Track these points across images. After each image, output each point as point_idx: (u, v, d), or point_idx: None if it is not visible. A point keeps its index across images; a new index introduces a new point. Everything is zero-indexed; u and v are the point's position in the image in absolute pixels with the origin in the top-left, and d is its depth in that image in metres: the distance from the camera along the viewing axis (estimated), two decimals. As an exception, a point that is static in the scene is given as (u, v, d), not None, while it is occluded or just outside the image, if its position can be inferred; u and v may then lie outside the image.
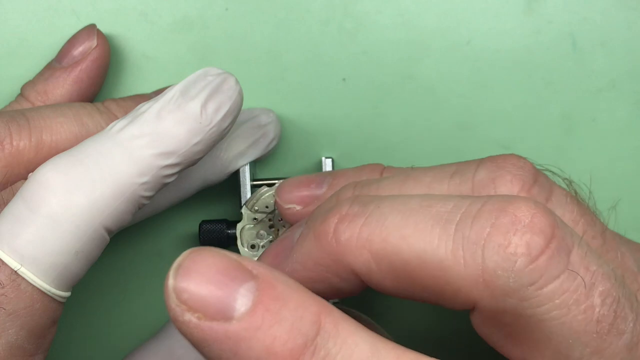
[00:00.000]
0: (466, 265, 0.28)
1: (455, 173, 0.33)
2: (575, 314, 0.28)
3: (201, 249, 0.27)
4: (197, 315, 0.26)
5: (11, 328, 0.32)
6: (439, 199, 0.30)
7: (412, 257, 0.29)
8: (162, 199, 0.39)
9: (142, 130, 0.34)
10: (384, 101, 0.42)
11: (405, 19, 0.42)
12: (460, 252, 0.28)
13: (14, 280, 0.32)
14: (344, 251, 0.30)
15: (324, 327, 0.27)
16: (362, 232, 0.30)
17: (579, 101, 0.42)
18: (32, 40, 0.41)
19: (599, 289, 0.28)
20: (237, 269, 0.26)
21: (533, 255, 0.28)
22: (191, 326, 0.26)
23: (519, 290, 0.28)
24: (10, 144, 0.35)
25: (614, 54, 0.42)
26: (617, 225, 0.43)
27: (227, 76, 0.35)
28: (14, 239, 0.32)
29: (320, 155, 0.42)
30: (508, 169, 0.32)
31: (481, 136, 0.42)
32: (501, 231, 0.28)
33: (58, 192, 0.33)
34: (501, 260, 0.28)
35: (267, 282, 0.26)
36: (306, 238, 0.31)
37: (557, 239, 0.28)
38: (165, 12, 0.42)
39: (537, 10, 0.42)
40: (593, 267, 0.29)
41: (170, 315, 0.26)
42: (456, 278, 0.29)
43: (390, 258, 0.29)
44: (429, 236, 0.29)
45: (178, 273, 0.26)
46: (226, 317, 0.26)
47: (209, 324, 0.26)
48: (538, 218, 0.28)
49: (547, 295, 0.28)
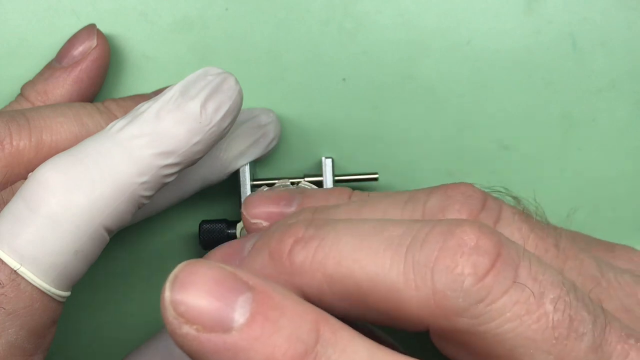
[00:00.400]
0: (417, 288, 0.29)
1: (409, 201, 0.34)
2: (529, 323, 0.29)
3: (197, 261, 0.27)
4: (196, 327, 0.26)
5: (11, 328, 0.32)
6: (391, 223, 0.31)
7: (365, 280, 0.29)
8: (162, 199, 0.39)
9: (141, 130, 0.34)
10: (384, 101, 0.42)
11: (405, 19, 0.42)
12: (412, 275, 0.29)
13: (13, 280, 0.32)
14: (298, 273, 0.30)
15: (322, 335, 0.27)
16: (317, 255, 0.30)
17: (579, 101, 0.42)
18: (32, 40, 0.41)
19: (549, 296, 0.29)
20: (234, 280, 0.26)
21: (480, 274, 0.28)
22: (189, 338, 0.26)
23: (469, 308, 0.29)
24: (10, 143, 0.35)
25: (614, 54, 0.42)
26: (617, 224, 0.43)
27: (227, 76, 0.35)
28: (13, 239, 0.32)
29: (320, 155, 0.42)
30: (456, 198, 0.33)
31: (481, 136, 0.42)
32: (448, 254, 0.29)
33: (58, 191, 0.33)
34: (450, 282, 0.29)
35: (263, 292, 0.27)
36: (259, 253, 0.32)
37: (502, 257, 0.29)
38: (165, 12, 0.42)
39: (537, 10, 0.42)
40: (540, 276, 0.29)
41: (167, 329, 0.26)
42: (408, 300, 0.29)
43: (343, 281, 0.30)
44: (381, 260, 0.29)
45: (174, 285, 0.26)
46: (225, 328, 0.26)
47: (207, 336, 0.26)
48: (482, 240, 0.29)
49: (498, 309, 0.28)
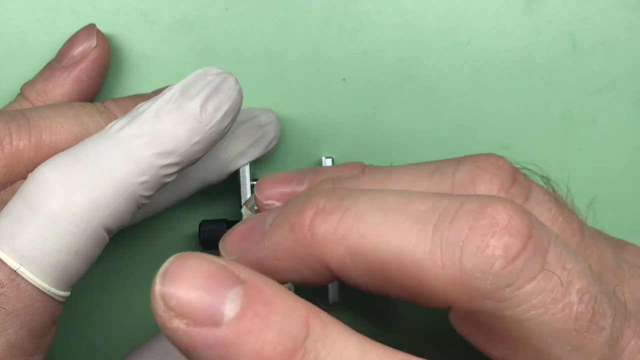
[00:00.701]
0: (444, 266, 0.28)
1: (435, 171, 0.33)
2: (553, 312, 0.28)
3: (187, 254, 0.27)
4: (186, 321, 0.26)
5: (11, 327, 0.32)
6: (417, 197, 0.30)
7: (389, 256, 0.29)
8: (161, 199, 0.39)
9: (141, 129, 0.34)
10: (384, 101, 0.42)
11: (405, 19, 0.42)
12: (438, 254, 0.28)
13: (13, 280, 0.32)
14: (319, 245, 0.30)
15: (312, 330, 0.26)
16: (339, 228, 0.30)
17: (579, 101, 0.42)
18: (32, 40, 0.41)
19: (576, 286, 0.29)
20: (224, 274, 0.26)
21: (510, 257, 0.28)
22: (180, 332, 0.26)
23: (497, 291, 0.28)
24: (10, 143, 0.35)
25: (614, 54, 0.42)
26: (617, 224, 0.43)
27: (227, 76, 0.35)
28: (13, 239, 0.32)
29: (320, 155, 0.42)
30: (487, 169, 0.33)
31: (481, 136, 0.42)
32: (479, 233, 0.28)
33: (57, 191, 0.33)
34: (479, 263, 0.28)
35: (254, 286, 0.26)
36: (280, 227, 0.31)
37: (533, 239, 0.28)
38: (165, 12, 0.42)
39: (537, 10, 0.42)
40: (569, 265, 0.29)
41: (157, 322, 0.26)
42: (433, 279, 0.29)
43: (366, 255, 0.29)
44: (407, 235, 0.29)
45: (165, 279, 0.26)
46: (215, 322, 0.26)
47: (198, 330, 0.26)
48: (515, 220, 0.28)
49: (525, 295, 0.28)
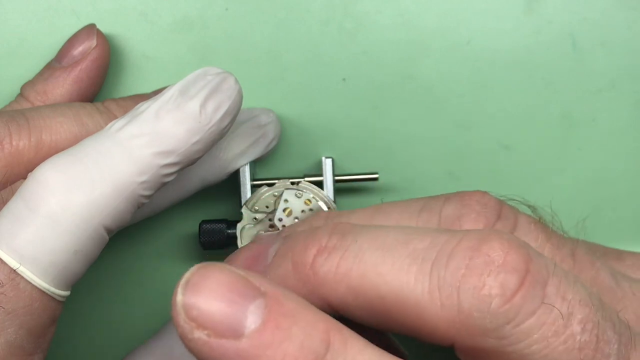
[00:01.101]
0: (442, 306, 0.29)
1: (423, 209, 0.34)
2: (555, 345, 0.28)
3: (209, 264, 0.27)
4: (207, 332, 0.26)
5: (10, 327, 0.32)
6: (416, 234, 0.30)
7: (389, 295, 0.29)
8: (161, 199, 0.39)
9: (141, 129, 0.34)
10: (384, 101, 0.42)
11: (405, 19, 0.42)
12: (437, 293, 0.29)
13: (13, 279, 0.32)
14: (322, 284, 0.30)
15: (333, 345, 0.27)
16: (340, 267, 0.30)
17: (579, 101, 0.42)
18: (32, 40, 0.41)
19: (577, 317, 0.29)
20: (246, 286, 0.26)
21: (508, 295, 0.28)
22: (200, 344, 0.26)
23: (497, 329, 0.28)
24: (9, 143, 0.35)
25: (614, 54, 0.42)
26: (618, 225, 0.43)
27: (227, 75, 0.35)
28: (13, 238, 0.32)
29: (320, 155, 0.42)
30: (472, 207, 0.33)
31: (481, 136, 0.42)
32: (475, 272, 0.28)
33: (57, 191, 0.33)
34: (476, 302, 0.28)
35: (275, 299, 0.26)
36: (282, 262, 0.32)
37: (531, 274, 0.29)
38: (165, 12, 0.42)
39: (537, 10, 0.42)
40: (569, 295, 0.29)
41: (178, 332, 0.26)
42: (433, 318, 0.29)
43: (367, 294, 0.30)
44: (405, 275, 0.29)
45: (187, 289, 0.26)
46: (236, 334, 0.26)
47: (218, 342, 0.26)
48: (511, 256, 0.29)
49: (526, 331, 0.28)
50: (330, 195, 0.40)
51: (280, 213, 0.40)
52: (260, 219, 0.40)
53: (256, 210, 0.40)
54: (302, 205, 0.40)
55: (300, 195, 0.40)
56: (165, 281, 0.43)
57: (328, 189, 0.40)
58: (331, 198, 0.40)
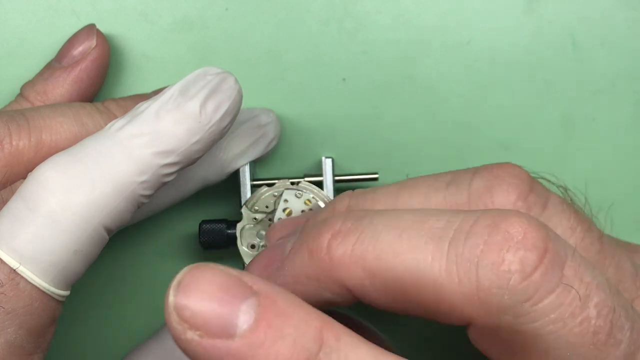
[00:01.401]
0: (460, 283, 0.28)
1: (451, 182, 0.33)
2: (571, 327, 0.28)
3: (201, 265, 0.27)
4: (199, 333, 0.26)
5: (10, 327, 0.32)
6: (431, 214, 0.30)
7: (406, 275, 0.29)
8: (161, 199, 0.39)
9: (141, 129, 0.34)
10: (384, 101, 0.42)
11: (405, 19, 0.42)
12: (454, 270, 0.29)
13: (12, 279, 0.32)
14: (337, 267, 0.30)
15: (326, 342, 0.27)
16: (356, 249, 0.30)
17: (579, 101, 0.42)
18: (32, 40, 0.41)
19: (594, 300, 0.29)
20: (238, 286, 0.26)
21: (527, 271, 0.28)
22: (193, 344, 0.26)
23: (514, 306, 0.28)
24: (9, 143, 0.35)
25: (614, 54, 0.42)
26: (618, 225, 0.43)
27: (227, 75, 0.35)
28: (13, 238, 0.32)
29: (320, 155, 0.42)
30: (504, 178, 0.33)
31: (481, 136, 0.42)
32: (494, 248, 0.28)
33: (57, 191, 0.33)
34: (495, 278, 0.28)
35: (268, 298, 0.26)
36: (299, 252, 0.32)
37: (550, 253, 0.28)
38: (165, 12, 0.42)
39: (537, 10, 0.42)
40: (587, 278, 0.29)
41: (171, 334, 0.26)
42: (451, 295, 0.29)
43: (383, 275, 0.30)
44: (422, 253, 0.29)
45: (179, 290, 0.26)
46: (228, 334, 0.26)
47: (211, 342, 0.26)
48: (530, 233, 0.28)
49: (543, 310, 0.28)
50: (331, 195, 0.40)
51: (280, 213, 0.40)
52: (260, 219, 0.40)
53: (256, 210, 0.40)
54: (302, 205, 0.40)
55: (300, 195, 0.40)
56: (165, 281, 0.42)
57: (328, 189, 0.40)
58: (331, 198, 0.40)
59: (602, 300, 0.29)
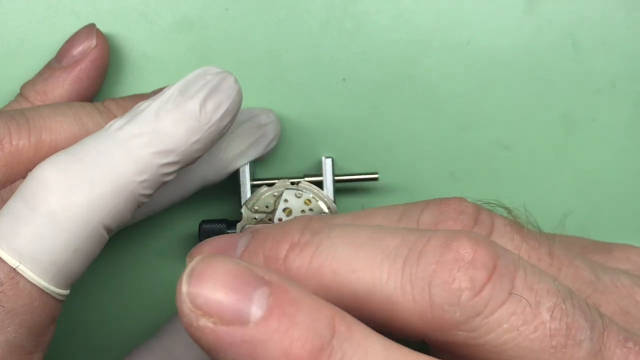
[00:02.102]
0: (414, 300, 0.29)
1: (403, 216, 0.34)
2: (526, 334, 0.29)
3: (213, 255, 0.27)
4: (213, 320, 0.26)
5: (10, 326, 0.32)
6: (387, 232, 0.31)
7: (362, 291, 0.30)
8: (161, 198, 0.39)
9: (141, 128, 0.34)
10: (384, 101, 0.42)
11: (405, 19, 0.42)
12: (409, 288, 0.29)
13: (12, 278, 0.32)
14: (294, 279, 0.31)
15: (338, 330, 0.27)
16: (313, 263, 0.31)
17: (579, 101, 0.42)
18: (32, 40, 0.41)
19: (546, 305, 0.29)
20: (250, 274, 0.27)
21: (477, 288, 0.29)
22: (207, 332, 0.26)
23: (467, 322, 0.29)
24: (9, 143, 0.35)
25: (614, 54, 0.42)
26: (617, 224, 0.43)
27: (226, 75, 0.35)
28: (13, 237, 0.32)
29: (320, 155, 0.42)
30: (449, 214, 0.34)
31: (481, 136, 0.42)
32: (446, 268, 0.29)
33: (57, 190, 0.33)
34: (447, 296, 0.29)
35: (280, 286, 0.27)
36: (253, 256, 0.32)
37: (498, 269, 0.29)
38: (165, 12, 0.42)
39: (537, 10, 0.42)
40: (536, 285, 0.29)
41: (183, 322, 0.26)
42: (405, 313, 0.30)
43: (339, 290, 0.30)
44: (378, 271, 0.30)
45: (191, 278, 0.26)
46: (242, 321, 0.26)
47: (225, 329, 0.26)
48: (479, 253, 0.29)
49: (495, 322, 0.29)
50: (330, 195, 0.40)
51: (280, 213, 0.40)
52: (260, 219, 0.40)
53: (256, 210, 0.40)
54: (302, 205, 0.40)
55: (300, 195, 0.40)
56: (165, 281, 0.43)
57: (328, 189, 0.40)
58: (331, 198, 0.40)
59: (554, 303, 0.29)
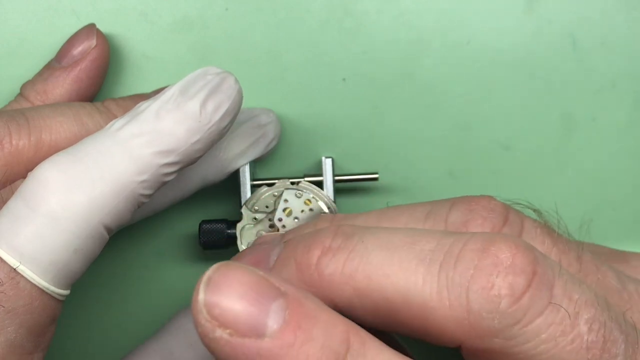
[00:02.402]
0: (451, 307, 0.29)
1: (430, 214, 0.34)
2: (563, 345, 0.28)
3: (229, 263, 0.27)
4: (229, 331, 0.26)
5: (10, 326, 0.32)
6: (422, 235, 0.30)
7: (396, 297, 0.29)
8: (162, 198, 0.39)
9: (141, 128, 0.34)
10: (384, 101, 0.42)
11: (405, 19, 0.42)
12: (445, 294, 0.29)
13: (13, 278, 0.32)
14: (327, 285, 0.30)
15: (352, 346, 0.27)
16: (346, 267, 0.30)
17: (579, 101, 0.42)
18: (32, 40, 0.41)
19: (584, 317, 0.29)
20: (267, 285, 0.26)
21: (516, 295, 0.28)
22: (222, 343, 0.26)
23: (505, 330, 0.28)
24: (9, 142, 0.35)
25: (614, 54, 0.42)
26: (617, 224, 0.43)
27: (227, 75, 0.35)
28: (13, 237, 0.32)
29: (320, 155, 0.42)
30: (479, 212, 0.33)
31: (481, 136, 0.42)
32: (484, 273, 0.29)
33: (57, 190, 0.33)
34: (485, 303, 0.28)
35: (296, 299, 0.27)
36: (286, 264, 0.31)
37: (538, 275, 0.29)
38: (165, 12, 0.42)
39: (537, 10, 0.42)
40: (576, 295, 0.29)
41: (198, 332, 0.26)
42: (441, 319, 0.29)
43: (373, 295, 0.30)
44: (413, 276, 0.29)
45: (208, 287, 0.26)
46: (258, 334, 0.26)
47: (240, 341, 0.26)
48: (519, 258, 0.29)
49: (533, 331, 0.28)
50: (330, 195, 0.40)
51: (280, 213, 0.40)
52: (260, 219, 0.40)
53: (256, 210, 0.40)
54: (302, 205, 0.40)
55: (300, 195, 0.40)
56: (165, 281, 0.43)
57: (328, 189, 0.40)
58: (331, 198, 0.40)
59: (593, 315, 0.29)
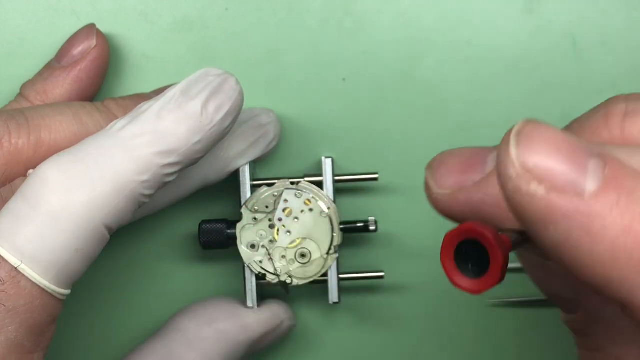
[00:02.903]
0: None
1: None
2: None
3: (534, 119, 0.24)
4: (545, 186, 0.23)
5: (11, 325, 0.32)
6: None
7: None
8: (162, 198, 0.39)
9: (142, 129, 0.34)
10: (384, 101, 0.42)
11: (405, 19, 0.42)
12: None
13: (13, 277, 0.32)
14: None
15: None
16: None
17: (579, 101, 0.42)
18: (32, 40, 0.41)
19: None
20: (579, 143, 0.24)
21: None
22: (537, 198, 0.23)
23: None
24: (9, 142, 0.35)
25: (614, 54, 0.42)
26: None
27: (228, 76, 0.35)
28: (14, 237, 0.32)
29: (320, 155, 0.42)
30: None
31: (481, 136, 0.42)
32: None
33: (58, 190, 0.33)
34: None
35: (614, 160, 0.24)
36: None
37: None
38: (165, 12, 0.42)
39: (537, 10, 0.42)
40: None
41: (507, 187, 0.24)
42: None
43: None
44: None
45: (520, 140, 0.23)
46: (576, 191, 0.23)
47: (558, 197, 0.23)
48: None
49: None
50: (330, 195, 0.40)
51: (280, 213, 0.40)
52: (260, 219, 0.40)
53: (256, 210, 0.40)
54: (301, 205, 0.40)
55: (300, 195, 0.40)
56: (165, 281, 0.43)
57: (328, 189, 0.40)
58: (331, 198, 0.40)
59: None
